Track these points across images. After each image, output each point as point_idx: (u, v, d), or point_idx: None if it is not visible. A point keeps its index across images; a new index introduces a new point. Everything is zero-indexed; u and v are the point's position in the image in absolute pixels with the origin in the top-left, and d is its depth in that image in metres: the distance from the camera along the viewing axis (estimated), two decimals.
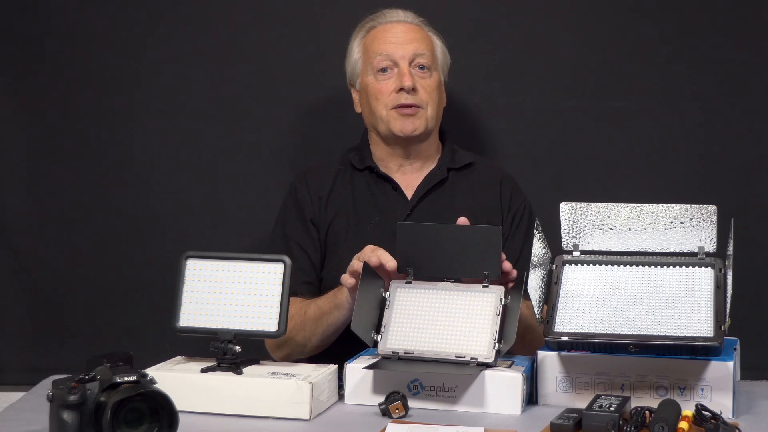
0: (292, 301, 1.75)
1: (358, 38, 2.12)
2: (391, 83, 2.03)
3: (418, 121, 2.03)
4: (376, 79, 2.05)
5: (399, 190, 2.07)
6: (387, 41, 2.05)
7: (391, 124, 2.03)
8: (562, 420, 1.42)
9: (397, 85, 2.02)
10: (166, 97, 2.42)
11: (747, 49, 2.37)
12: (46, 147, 2.44)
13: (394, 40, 2.05)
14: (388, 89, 2.03)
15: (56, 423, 1.31)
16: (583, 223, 1.68)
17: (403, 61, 2.03)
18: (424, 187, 2.07)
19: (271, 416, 1.52)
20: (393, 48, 2.04)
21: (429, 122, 2.04)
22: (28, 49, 2.42)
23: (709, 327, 1.54)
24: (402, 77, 2.01)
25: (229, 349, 1.60)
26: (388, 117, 2.03)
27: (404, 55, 2.03)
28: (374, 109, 2.05)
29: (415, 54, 2.04)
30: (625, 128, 2.39)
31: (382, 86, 2.04)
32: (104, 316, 2.43)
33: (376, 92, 2.04)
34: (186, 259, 1.66)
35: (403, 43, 2.04)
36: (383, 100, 2.03)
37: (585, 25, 2.40)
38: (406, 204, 2.06)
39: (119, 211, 2.43)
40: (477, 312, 1.62)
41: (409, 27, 2.08)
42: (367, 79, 2.06)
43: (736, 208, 1.99)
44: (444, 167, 2.10)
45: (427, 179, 2.08)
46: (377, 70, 2.04)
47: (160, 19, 2.42)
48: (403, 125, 2.02)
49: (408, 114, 2.02)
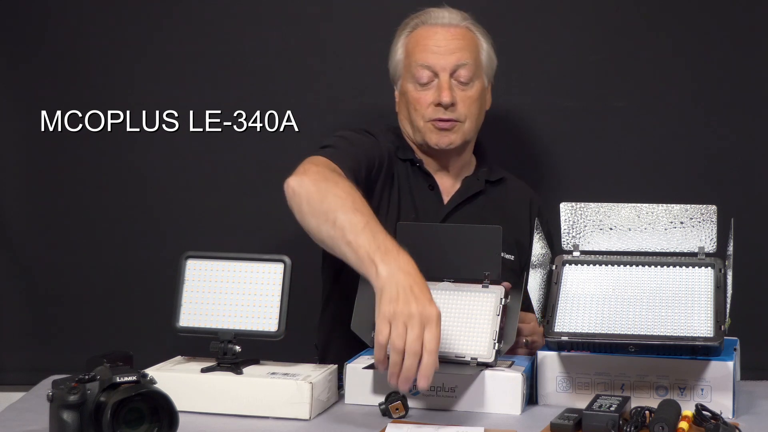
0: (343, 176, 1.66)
1: (402, 36, 2.04)
2: (429, 95, 1.96)
3: (454, 135, 1.97)
4: (416, 89, 1.98)
5: (436, 191, 2.02)
6: (429, 50, 1.97)
7: (426, 137, 1.98)
8: (562, 420, 1.42)
9: (436, 98, 1.95)
10: (166, 97, 2.42)
11: (747, 49, 2.38)
12: (45, 147, 2.44)
13: (436, 50, 1.97)
14: (427, 101, 1.97)
15: (56, 423, 1.31)
16: (583, 223, 1.68)
17: (443, 72, 1.96)
18: (461, 195, 2.03)
19: (271, 416, 1.52)
20: (434, 58, 1.96)
21: (466, 135, 1.99)
22: (27, 48, 2.42)
23: (709, 327, 1.54)
24: (441, 92, 1.94)
25: (229, 349, 1.60)
26: (425, 129, 1.98)
27: (445, 66, 1.96)
28: (412, 117, 2.00)
29: (456, 65, 1.96)
30: (625, 128, 2.39)
31: (421, 96, 1.97)
32: (104, 316, 2.43)
33: (415, 102, 1.98)
34: (186, 259, 1.66)
35: (445, 54, 1.96)
36: (421, 111, 1.97)
37: (585, 25, 2.41)
38: (441, 208, 2.01)
39: (119, 211, 2.43)
40: (477, 312, 1.62)
41: (453, 33, 1.99)
42: (407, 86, 2.00)
43: (736, 208, 1.99)
44: (482, 178, 2.06)
45: (465, 187, 2.04)
46: (417, 81, 1.97)
47: (160, 19, 2.42)
48: (438, 139, 1.97)
49: (445, 128, 1.96)
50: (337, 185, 1.63)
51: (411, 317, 1.42)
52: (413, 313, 1.42)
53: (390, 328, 1.42)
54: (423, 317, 1.42)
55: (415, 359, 1.41)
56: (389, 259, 1.48)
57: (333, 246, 1.57)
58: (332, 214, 1.57)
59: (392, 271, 1.47)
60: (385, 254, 1.49)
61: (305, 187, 1.64)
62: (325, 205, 1.59)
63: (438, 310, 1.44)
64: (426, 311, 1.42)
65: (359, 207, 1.58)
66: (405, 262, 1.49)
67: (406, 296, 1.43)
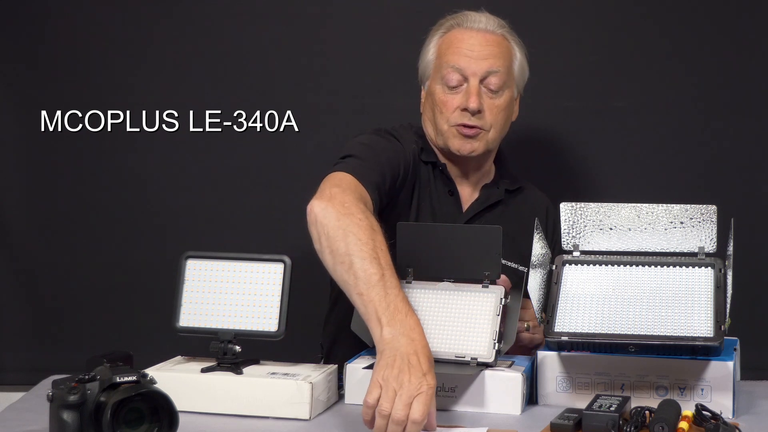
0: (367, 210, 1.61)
1: (436, 36, 1.99)
2: (457, 99, 1.92)
3: (477, 143, 1.93)
4: (444, 91, 1.93)
5: (456, 197, 1.99)
6: (461, 53, 1.93)
7: (449, 141, 1.93)
8: (562, 420, 1.42)
9: (463, 103, 1.91)
10: (166, 97, 2.42)
11: (747, 49, 2.38)
12: (45, 147, 2.44)
13: (468, 53, 1.92)
14: (454, 105, 1.92)
15: (56, 423, 1.31)
16: (583, 223, 1.68)
17: (474, 78, 1.91)
18: (480, 204, 2.00)
19: (271, 416, 1.52)
20: (466, 62, 1.92)
21: (489, 144, 1.95)
22: (27, 48, 2.42)
23: (709, 327, 1.54)
24: (469, 97, 1.90)
25: (229, 349, 1.60)
26: (448, 133, 1.93)
27: (476, 71, 1.91)
28: (436, 120, 1.95)
29: (488, 72, 1.92)
30: (625, 128, 2.39)
31: (448, 99, 1.93)
32: (104, 316, 2.43)
33: (441, 104, 1.93)
34: (186, 259, 1.66)
35: (478, 59, 1.92)
36: (447, 114, 1.93)
37: (585, 25, 2.41)
38: (460, 215, 1.99)
39: (119, 211, 2.43)
40: (477, 312, 1.62)
41: (488, 39, 1.94)
42: (435, 87, 1.95)
43: (736, 208, 1.99)
44: (502, 188, 2.03)
45: (485, 196, 2.01)
46: (446, 83, 1.93)
47: (160, 19, 2.42)
48: (461, 145, 1.93)
49: (468, 135, 1.92)
50: (360, 224, 1.57)
51: (401, 386, 1.39)
52: (404, 383, 1.39)
53: (381, 391, 1.40)
54: (413, 388, 1.39)
55: (398, 428, 1.38)
56: (395, 322, 1.46)
57: (345, 289, 1.55)
58: (349, 257, 1.54)
59: (395, 336, 1.45)
60: (392, 316, 1.47)
61: (328, 220, 1.59)
62: (343, 245, 1.55)
63: (432, 382, 1.41)
64: (418, 383, 1.40)
65: (377, 254, 1.54)
66: (411, 326, 1.47)
67: (402, 364, 1.41)
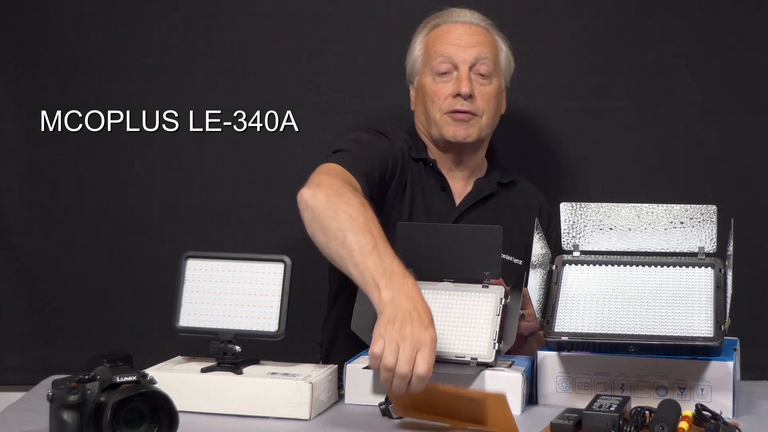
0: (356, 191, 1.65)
1: (421, 35, 2.04)
2: (448, 87, 1.96)
3: (472, 129, 1.96)
4: (434, 81, 1.97)
5: (448, 192, 2.01)
6: (449, 42, 1.98)
7: (443, 129, 1.97)
8: (562, 420, 1.42)
9: (455, 89, 1.95)
10: (166, 97, 2.42)
11: (747, 49, 2.38)
12: (45, 147, 2.43)
13: (456, 42, 1.97)
14: (445, 93, 1.96)
15: (56, 423, 1.31)
16: (583, 223, 1.68)
17: (463, 65, 1.96)
18: (473, 197, 2.02)
19: (271, 416, 1.52)
20: (455, 50, 1.97)
21: (483, 131, 1.98)
22: (28, 48, 2.42)
23: (709, 327, 1.54)
24: (460, 82, 1.94)
25: (229, 349, 1.60)
26: (442, 121, 1.97)
27: (465, 58, 1.96)
28: (428, 111, 1.99)
29: (477, 58, 1.96)
30: (625, 128, 2.39)
31: (439, 89, 1.97)
32: (104, 316, 2.42)
33: (432, 94, 1.97)
34: (186, 259, 1.66)
35: (466, 46, 1.97)
36: (438, 103, 1.97)
37: (585, 25, 2.41)
38: (453, 209, 2.01)
39: (119, 211, 2.43)
40: (477, 312, 1.62)
41: (474, 29, 2.00)
42: (425, 79, 1.99)
43: (736, 208, 1.99)
44: (494, 180, 2.05)
45: (477, 189, 2.03)
46: (436, 72, 1.97)
47: (160, 19, 2.42)
48: (455, 131, 1.96)
49: (462, 120, 1.95)
50: (349, 202, 1.62)
51: (404, 338, 1.41)
52: (406, 335, 1.41)
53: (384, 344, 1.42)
54: (416, 340, 1.41)
55: (403, 381, 1.40)
56: (393, 284, 1.49)
57: (340, 264, 1.57)
58: (341, 233, 1.57)
59: (395, 295, 1.47)
60: (390, 279, 1.49)
61: (318, 202, 1.63)
62: (335, 223, 1.59)
63: (434, 335, 1.43)
64: (420, 334, 1.42)
65: (369, 227, 1.57)
66: (410, 286, 1.49)
67: (404, 318, 1.43)
